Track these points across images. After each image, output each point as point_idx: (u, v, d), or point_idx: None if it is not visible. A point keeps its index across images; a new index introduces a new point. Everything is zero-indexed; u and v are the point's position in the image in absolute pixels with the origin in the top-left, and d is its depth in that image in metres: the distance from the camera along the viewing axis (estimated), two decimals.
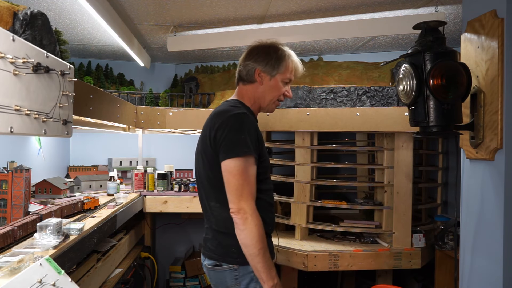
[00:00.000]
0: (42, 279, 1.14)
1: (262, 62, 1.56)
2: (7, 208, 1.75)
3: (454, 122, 1.37)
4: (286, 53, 1.60)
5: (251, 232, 1.37)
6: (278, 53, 1.58)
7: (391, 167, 2.42)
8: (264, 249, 1.39)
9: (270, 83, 1.58)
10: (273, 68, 1.57)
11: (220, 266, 1.49)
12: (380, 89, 2.44)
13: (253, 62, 1.57)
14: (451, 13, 2.48)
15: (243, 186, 1.39)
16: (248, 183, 1.40)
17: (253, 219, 1.38)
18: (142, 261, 3.33)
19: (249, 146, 1.41)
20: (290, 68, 1.60)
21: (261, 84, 1.58)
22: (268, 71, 1.57)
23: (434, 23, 1.40)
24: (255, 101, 1.61)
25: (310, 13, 2.53)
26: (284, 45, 1.63)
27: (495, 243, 1.36)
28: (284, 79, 1.59)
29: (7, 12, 1.19)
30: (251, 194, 1.40)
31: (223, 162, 1.41)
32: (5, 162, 2.26)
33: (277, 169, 3.21)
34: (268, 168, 1.59)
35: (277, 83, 1.58)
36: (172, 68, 3.98)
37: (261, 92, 1.59)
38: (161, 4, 2.38)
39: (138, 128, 3.18)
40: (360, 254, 2.34)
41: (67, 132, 1.40)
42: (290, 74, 1.60)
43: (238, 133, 1.41)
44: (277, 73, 1.57)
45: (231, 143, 1.40)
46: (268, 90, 1.58)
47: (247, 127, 1.43)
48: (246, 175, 1.40)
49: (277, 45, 1.61)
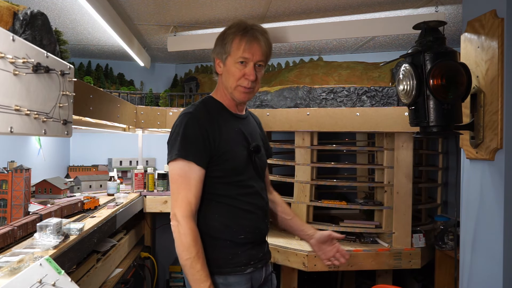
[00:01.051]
0: (42, 279, 1.14)
1: (215, 49, 1.46)
2: (7, 208, 1.75)
3: (454, 122, 1.37)
4: (231, 31, 1.42)
5: (178, 240, 1.30)
6: (223, 34, 1.44)
7: (391, 167, 2.42)
8: (191, 259, 1.28)
9: (226, 68, 1.43)
10: (223, 52, 1.42)
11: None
12: (380, 89, 2.44)
13: (212, 53, 1.49)
14: (451, 13, 2.48)
15: (178, 190, 1.32)
16: (184, 188, 1.31)
17: (181, 227, 1.29)
18: (142, 261, 3.33)
19: (186, 149, 1.32)
20: (238, 46, 1.39)
21: (221, 73, 1.46)
22: (220, 57, 1.44)
23: (434, 23, 1.40)
24: (224, 92, 1.48)
25: (310, 13, 2.53)
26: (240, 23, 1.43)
27: (495, 243, 1.36)
28: (236, 59, 1.39)
29: (7, 12, 1.19)
30: (185, 199, 1.31)
31: (169, 165, 1.38)
32: (5, 162, 2.26)
33: (277, 169, 3.21)
34: (240, 169, 1.42)
35: (230, 66, 1.41)
36: (172, 68, 3.98)
37: (224, 81, 1.45)
38: (161, 4, 2.38)
39: (138, 128, 3.18)
40: (360, 254, 2.34)
41: (67, 132, 1.40)
42: (243, 52, 1.38)
43: (176, 135, 1.35)
44: (228, 56, 1.41)
45: (170, 146, 1.37)
46: (226, 76, 1.44)
47: (186, 128, 1.34)
48: (182, 179, 1.32)
49: (231, 25, 1.45)
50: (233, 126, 1.46)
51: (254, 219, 1.44)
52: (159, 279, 3.68)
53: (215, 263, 1.37)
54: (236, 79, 1.41)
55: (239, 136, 1.46)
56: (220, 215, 1.39)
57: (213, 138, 1.36)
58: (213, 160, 1.37)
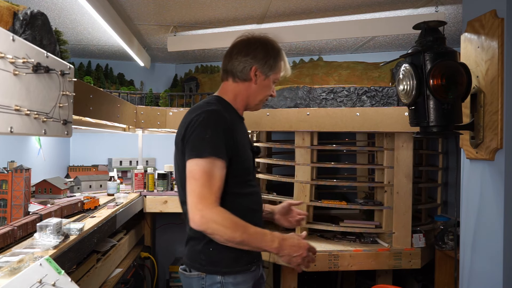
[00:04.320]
0: (42, 279, 1.14)
1: (261, 60, 1.45)
2: (7, 208, 1.75)
3: (454, 122, 1.37)
4: (282, 53, 1.52)
5: (221, 231, 1.24)
6: (276, 52, 1.49)
7: (391, 167, 2.42)
8: (243, 233, 1.26)
9: (264, 82, 1.48)
10: (270, 68, 1.47)
11: (189, 272, 1.40)
12: (380, 89, 2.44)
13: (251, 58, 1.45)
14: (451, 13, 2.48)
15: (203, 188, 1.26)
16: (209, 186, 1.27)
17: (216, 216, 1.25)
18: (142, 261, 3.33)
19: (215, 147, 1.30)
20: (282, 69, 1.52)
21: (255, 83, 1.47)
22: (264, 71, 1.46)
23: (434, 23, 1.40)
24: (243, 99, 1.49)
25: (310, 13, 2.53)
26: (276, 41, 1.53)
27: (495, 243, 1.36)
28: (275, 79, 1.51)
29: (7, 12, 1.19)
30: (212, 196, 1.27)
31: (187, 162, 1.30)
32: (5, 162, 2.25)
33: (277, 169, 3.21)
34: (251, 170, 1.47)
35: (270, 83, 1.49)
36: (172, 68, 3.98)
37: (253, 91, 1.48)
38: (161, 4, 2.38)
39: (138, 128, 3.18)
40: (360, 254, 2.34)
41: (67, 132, 1.40)
42: (280, 75, 1.52)
43: (204, 132, 1.31)
44: (272, 73, 1.48)
45: (196, 142, 1.30)
46: (260, 89, 1.48)
47: (215, 126, 1.33)
48: (208, 177, 1.27)
49: (275, 43, 1.51)
50: (242, 128, 1.51)
51: (258, 217, 1.50)
52: (159, 279, 3.68)
53: (226, 263, 1.38)
54: (268, 94, 1.51)
55: (247, 138, 1.52)
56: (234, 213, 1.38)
57: (235, 137, 1.37)
58: (232, 159, 1.36)
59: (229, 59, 1.49)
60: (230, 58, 1.49)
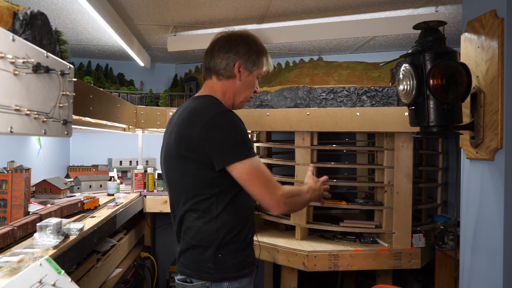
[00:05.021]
0: (42, 279, 1.14)
1: (244, 56, 1.42)
2: (7, 208, 1.75)
3: (454, 122, 1.37)
4: (265, 48, 1.49)
5: (302, 203, 1.44)
6: (258, 47, 1.46)
7: (391, 167, 2.42)
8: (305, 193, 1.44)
9: (248, 78, 1.45)
10: (253, 64, 1.44)
11: (190, 283, 1.38)
12: (380, 89, 2.44)
13: (234, 54, 1.42)
14: (451, 13, 2.48)
15: (267, 180, 1.30)
16: (268, 177, 1.31)
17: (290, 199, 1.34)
18: (142, 261, 3.33)
19: (250, 145, 1.33)
20: (265, 64, 1.49)
21: (239, 80, 1.44)
22: (248, 66, 1.43)
23: (434, 23, 1.40)
24: (230, 97, 1.46)
25: (310, 13, 2.53)
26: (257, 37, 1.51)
27: (495, 243, 1.36)
28: (259, 74, 1.48)
29: (7, 12, 1.19)
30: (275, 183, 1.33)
31: (229, 166, 1.28)
32: (5, 162, 2.26)
33: (277, 169, 3.21)
34: None
35: (253, 79, 1.47)
36: (172, 68, 3.98)
37: (238, 88, 1.45)
38: (161, 4, 2.38)
39: (138, 128, 3.18)
40: (360, 254, 2.34)
41: (67, 132, 1.40)
42: (263, 70, 1.49)
43: (234, 133, 1.30)
44: (256, 69, 1.45)
45: (234, 145, 1.29)
46: (245, 86, 1.45)
47: (240, 125, 1.34)
48: (264, 171, 1.31)
49: (256, 38, 1.48)
50: None
51: (254, 217, 1.50)
52: (159, 279, 3.68)
53: (235, 268, 1.37)
54: (252, 91, 1.49)
55: None
56: (235, 215, 1.38)
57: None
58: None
59: (211, 56, 1.46)
60: (212, 56, 1.46)
